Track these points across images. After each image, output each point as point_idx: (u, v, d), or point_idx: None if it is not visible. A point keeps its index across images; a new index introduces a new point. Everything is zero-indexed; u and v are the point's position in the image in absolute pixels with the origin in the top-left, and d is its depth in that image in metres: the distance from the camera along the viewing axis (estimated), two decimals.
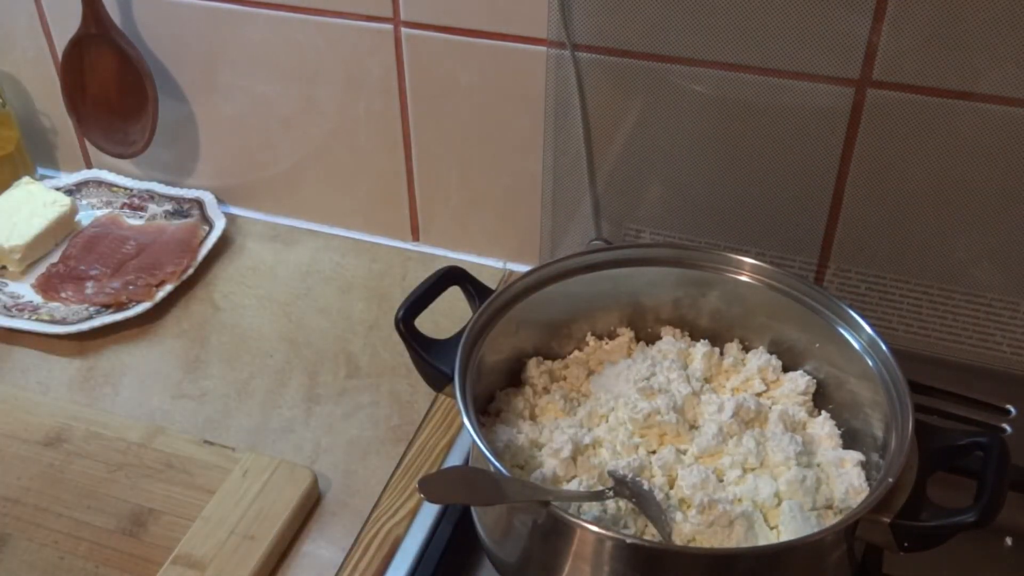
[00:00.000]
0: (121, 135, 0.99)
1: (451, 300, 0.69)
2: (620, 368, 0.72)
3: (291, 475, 0.73)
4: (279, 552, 0.69)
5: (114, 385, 0.84)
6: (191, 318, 0.91)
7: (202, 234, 0.98)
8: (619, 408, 0.68)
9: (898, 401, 0.61)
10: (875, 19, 0.71)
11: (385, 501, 0.73)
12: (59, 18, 0.98)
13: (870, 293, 0.83)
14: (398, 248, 0.99)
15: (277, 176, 1.01)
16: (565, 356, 0.74)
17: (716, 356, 0.73)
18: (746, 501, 0.62)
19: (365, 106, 0.92)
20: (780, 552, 0.55)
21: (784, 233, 0.83)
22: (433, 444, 0.78)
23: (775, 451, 0.64)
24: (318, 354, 0.87)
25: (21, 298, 0.92)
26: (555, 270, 0.71)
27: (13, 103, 1.05)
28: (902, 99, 0.73)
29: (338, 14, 0.87)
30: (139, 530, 0.70)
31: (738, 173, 0.81)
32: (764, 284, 0.70)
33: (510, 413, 0.69)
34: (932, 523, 0.55)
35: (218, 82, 0.96)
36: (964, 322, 0.81)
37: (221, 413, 0.81)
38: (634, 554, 0.54)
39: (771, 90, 0.76)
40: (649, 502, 0.60)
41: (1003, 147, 0.73)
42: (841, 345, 0.67)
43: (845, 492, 0.63)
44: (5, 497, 0.73)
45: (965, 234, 0.78)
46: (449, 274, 0.69)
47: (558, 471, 0.64)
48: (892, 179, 0.77)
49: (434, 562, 0.68)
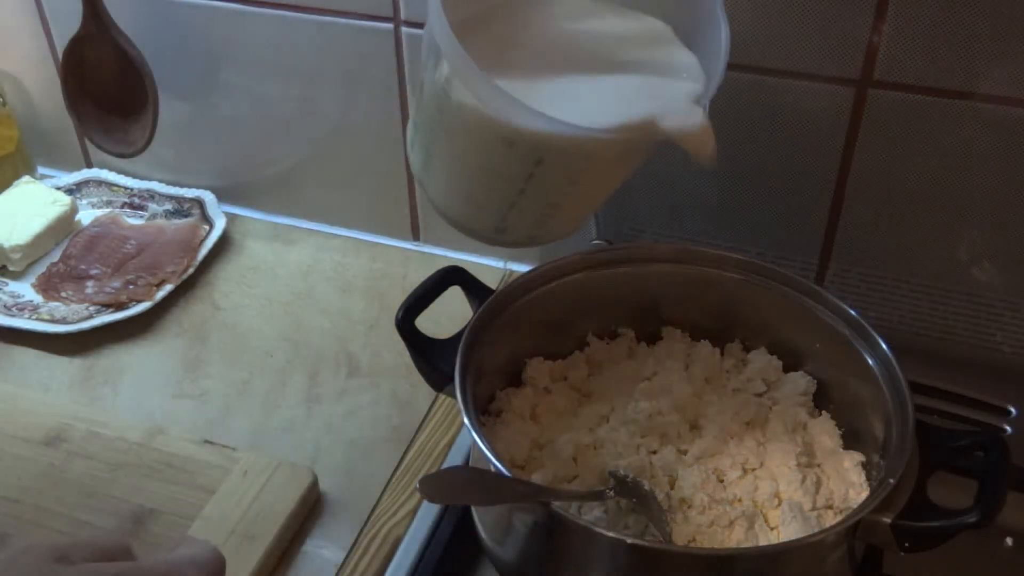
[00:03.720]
0: (121, 135, 0.99)
1: (451, 300, 0.69)
2: (621, 368, 0.72)
3: (291, 475, 0.73)
4: (279, 552, 0.69)
5: (114, 385, 0.84)
6: (191, 318, 0.91)
7: (202, 234, 0.98)
8: (620, 408, 0.68)
9: (898, 401, 0.61)
10: (876, 19, 0.71)
11: (385, 501, 0.73)
12: (59, 18, 0.98)
13: (870, 293, 0.83)
14: (398, 248, 0.99)
15: (277, 176, 1.01)
16: (566, 356, 0.74)
17: (717, 356, 0.73)
18: (746, 501, 0.62)
19: (365, 106, 0.92)
20: (780, 552, 0.55)
21: (784, 233, 0.83)
22: (433, 444, 0.78)
23: (775, 451, 0.64)
24: (318, 354, 0.87)
25: (21, 297, 0.92)
26: (555, 270, 0.71)
27: (13, 103, 1.05)
28: (903, 99, 0.73)
29: (338, 13, 0.87)
30: (139, 530, 0.70)
31: (738, 173, 0.81)
32: (764, 284, 0.70)
33: (511, 413, 0.69)
34: (933, 523, 0.55)
35: (218, 82, 0.96)
36: (964, 322, 0.81)
37: (221, 413, 0.81)
38: (634, 554, 0.54)
39: (771, 90, 0.76)
40: (649, 502, 0.60)
41: (1003, 147, 0.73)
42: (841, 345, 0.66)
43: (845, 492, 0.63)
44: (5, 497, 0.73)
45: (965, 234, 0.77)
46: (449, 274, 0.69)
47: (559, 471, 0.64)
48: (892, 179, 0.77)
49: (434, 562, 0.68)
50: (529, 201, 0.58)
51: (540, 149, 0.54)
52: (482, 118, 0.53)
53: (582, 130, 0.52)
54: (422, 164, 0.61)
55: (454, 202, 0.62)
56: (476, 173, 0.58)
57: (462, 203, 0.61)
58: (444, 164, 0.60)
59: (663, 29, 0.61)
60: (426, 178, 0.61)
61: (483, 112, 0.53)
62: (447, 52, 0.52)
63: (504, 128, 0.53)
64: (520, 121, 0.52)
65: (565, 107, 0.53)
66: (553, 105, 0.53)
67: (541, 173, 0.55)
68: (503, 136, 0.54)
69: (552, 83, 0.57)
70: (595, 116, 0.54)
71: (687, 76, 0.58)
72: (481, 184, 0.59)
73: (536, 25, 0.61)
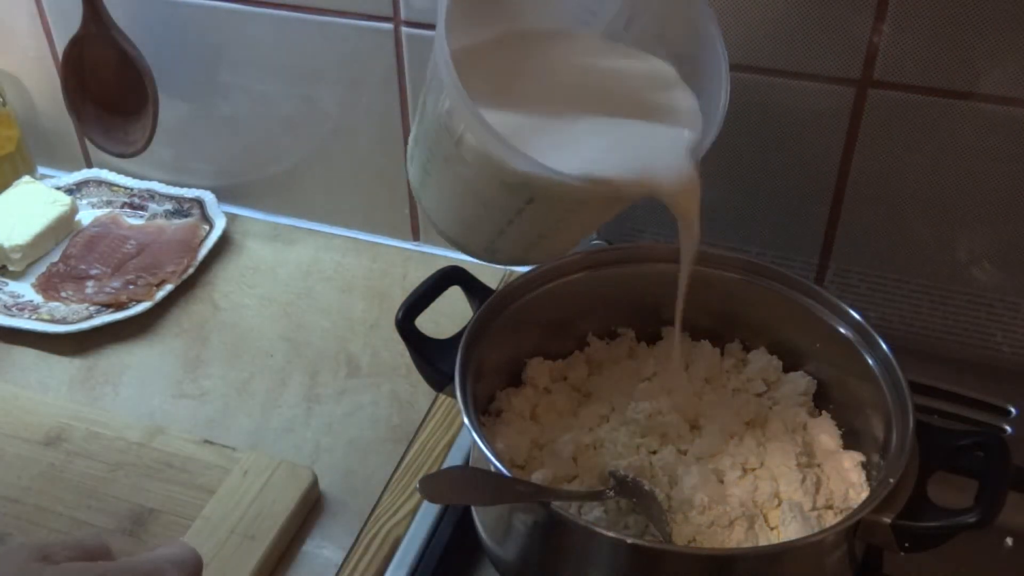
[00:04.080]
0: (121, 134, 0.99)
1: (451, 300, 0.69)
2: (621, 368, 0.72)
3: (291, 475, 0.73)
4: (279, 552, 0.69)
5: (114, 385, 0.84)
6: (191, 318, 0.91)
7: (202, 234, 0.98)
8: (620, 408, 0.68)
9: (898, 401, 0.61)
10: (876, 19, 0.71)
11: (385, 501, 0.73)
12: (59, 17, 0.98)
13: (870, 293, 0.83)
14: (398, 248, 0.99)
15: (277, 176, 1.01)
16: (566, 356, 0.74)
17: (717, 356, 0.73)
18: (746, 502, 0.62)
19: (365, 106, 0.92)
20: (780, 552, 0.55)
21: (784, 233, 0.83)
22: (433, 444, 0.78)
23: (775, 451, 0.64)
24: (318, 354, 0.87)
25: (21, 297, 0.92)
26: (555, 270, 0.71)
27: (13, 103, 1.05)
28: (903, 99, 0.73)
29: (338, 13, 0.87)
30: (139, 530, 0.70)
31: (738, 173, 0.81)
32: (764, 284, 0.70)
33: (511, 413, 0.69)
34: (933, 523, 0.55)
35: (218, 82, 0.96)
36: (964, 322, 0.81)
37: (221, 413, 0.81)
38: (634, 554, 0.54)
39: (771, 90, 0.76)
40: (649, 502, 0.60)
41: (1003, 147, 0.73)
42: (842, 345, 0.66)
43: (845, 492, 0.63)
44: (5, 497, 0.73)
45: (965, 234, 0.77)
46: (449, 274, 0.69)
47: (559, 471, 0.64)
48: (892, 179, 0.77)
49: (434, 562, 0.68)
50: (518, 231, 0.59)
51: (532, 189, 0.55)
52: (478, 155, 0.54)
53: (573, 178, 0.53)
54: (419, 180, 0.62)
55: (446, 221, 0.63)
56: (468, 200, 0.59)
57: (454, 223, 0.62)
58: (438, 185, 0.60)
59: (669, 72, 0.61)
60: (422, 193, 0.63)
61: (479, 149, 0.54)
62: (449, 88, 0.52)
63: (498, 167, 0.54)
64: (514, 164, 0.53)
65: (563, 151, 0.55)
66: (551, 147, 0.54)
67: (532, 209, 0.56)
68: (496, 174, 0.55)
69: (553, 123, 0.58)
70: (591, 163, 0.54)
71: (686, 123, 0.59)
72: (472, 210, 0.60)
73: (545, 59, 0.62)
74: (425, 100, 0.58)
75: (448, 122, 0.54)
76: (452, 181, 0.59)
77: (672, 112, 0.60)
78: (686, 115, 0.60)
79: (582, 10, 0.63)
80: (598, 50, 0.62)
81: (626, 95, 0.61)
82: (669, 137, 0.58)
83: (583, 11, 0.63)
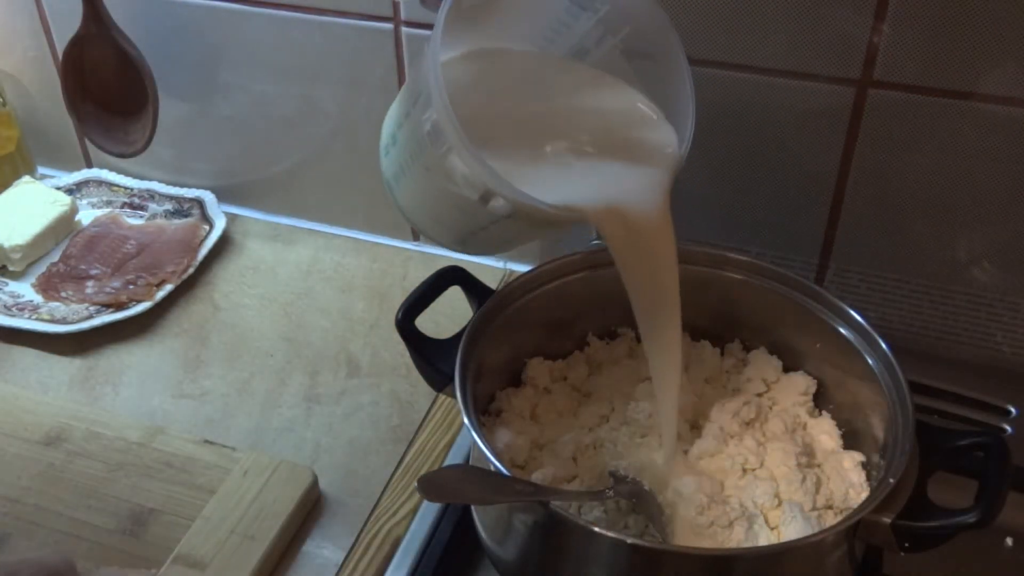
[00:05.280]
0: (121, 134, 0.99)
1: (451, 300, 0.69)
2: (621, 368, 0.72)
3: (291, 475, 0.73)
4: (279, 552, 0.69)
5: (114, 385, 0.84)
6: (191, 318, 0.91)
7: (202, 234, 0.98)
8: (620, 408, 0.68)
9: (898, 401, 0.61)
10: (876, 19, 0.71)
11: (385, 501, 0.73)
12: (59, 18, 0.98)
13: (870, 293, 0.83)
14: (398, 248, 0.99)
15: (277, 176, 1.01)
16: (566, 356, 0.74)
17: (717, 356, 0.73)
18: (746, 502, 0.62)
19: (365, 106, 0.92)
20: (780, 552, 0.55)
21: (784, 233, 0.83)
22: (433, 444, 0.78)
23: (775, 451, 0.64)
24: (318, 354, 0.87)
25: (21, 297, 0.92)
26: (555, 269, 0.71)
27: (14, 103, 1.05)
28: (903, 99, 0.73)
29: (338, 13, 0.87)
30: (139, 530, 0.70)
31: (738, 173, 0.81)
32: (764, 284, 0.70)
33: (511, 413, 0.69)
34: (933, 523, 0.55)
35: (218, 82, 0.96)
36: (964, 322, 0.81)
37: (221, 413, 0.81)
38: (634, 554, 0.54)
39: (771, 90, 0.76)
40: (649, 502, 0.60)
41: (1003, 147, 0.73)
42: (841, 345, 0.66)
43: (845, 493, 0.63)
44: (5, 497, 0.73)
45: (965, 234, 0.77)
46: (449, 274, 0.69)
47: (558, 471, 0.64)
48: (892, 179, 0.77)
49: (434, 562, 0.68)
50: (493, 234, 0.60)
51: (513, 208, 0.56)
52: (464, 175, 0.55)
53: (549, 206, 0.55)
54: (394, 176, 0.63)
55: (419, 215, 0.64)
56: (445, 204, 0.60)
57: (428, 219, 0.64)
58: (415, 185, 0.61)
59: (649, 108, 0.63)
60: (395, 187, 0.63)
61: (465, 171, 0.55)
62: (437, 106, 0.53)
63: (483, 189, 0.55)
64: (501, 192, 0.54)
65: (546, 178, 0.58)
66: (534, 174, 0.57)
67: (509, 222, 0.58)
68: (479, 191, 0.56)
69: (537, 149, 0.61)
70: (570, 192, 0.57)
71: (662, 160, 0.61)
72: (448, 213, 0.61)
73: (535, 81, 0.64)
74: (409, 108, 0.58)
75: (434, 137, 0.55)
76: (430, 186, 0.59)
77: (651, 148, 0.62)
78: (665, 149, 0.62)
79: (557, 23, 0.64)
80: (589, 81, 0.64)
81: (611, 130, 0.63)
82: (646, 174, 0.61)
83: (557, 24, 0.64)
